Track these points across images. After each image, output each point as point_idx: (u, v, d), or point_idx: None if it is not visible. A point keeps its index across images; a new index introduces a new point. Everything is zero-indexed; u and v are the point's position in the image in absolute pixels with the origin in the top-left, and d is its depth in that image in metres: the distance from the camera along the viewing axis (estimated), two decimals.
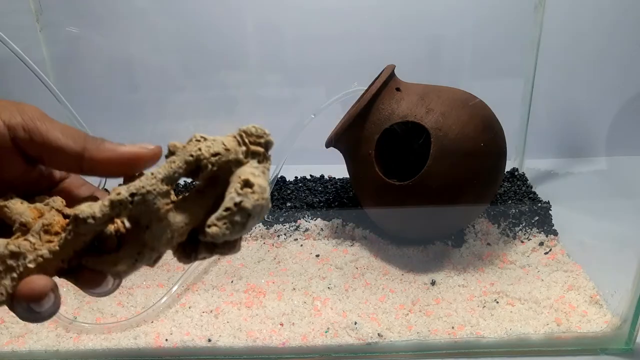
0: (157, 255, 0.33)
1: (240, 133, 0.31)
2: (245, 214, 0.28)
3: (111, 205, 0.29)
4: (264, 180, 0.29)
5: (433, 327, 0.56)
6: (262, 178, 0.29)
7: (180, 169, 0.30)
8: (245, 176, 0.29)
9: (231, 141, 0.31)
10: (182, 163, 0.30)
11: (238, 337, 0.56)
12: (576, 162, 0.95)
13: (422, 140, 0.73)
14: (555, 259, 0.67)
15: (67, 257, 0.30)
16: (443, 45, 0.91)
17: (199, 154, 0.30)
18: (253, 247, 0.73)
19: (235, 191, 0.28)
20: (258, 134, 0.31)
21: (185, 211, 0.31)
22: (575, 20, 0.87)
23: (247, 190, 0.28)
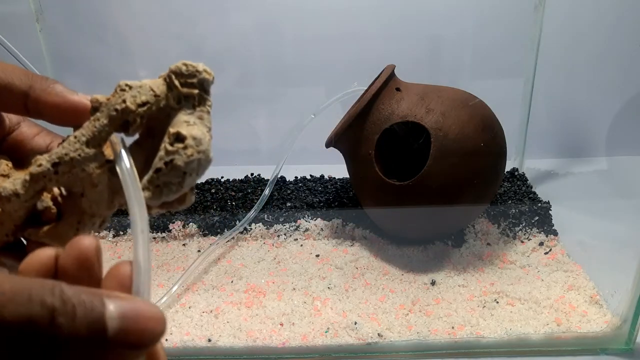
0: (100, 220, 0.29)
1: (169, 74, 0.27)
2: (179, 173, 0.25)
3: (33, 179, 0.27)
4: (199, 129, 0.26)
5: (433, 327, 0.56)
6: (197, 127, 0.26)
7: (106, 127, 0.27)
8: (177, 128, 0.26)
9: (161, 85, 0.27)
10: (106, 119, 0.27)
11: (238, 337, 0.56)
12: (576, 162, 0.95)
13: (422, 140, 0.73)
14: (555, 259, 0.67)
15: (10, 231, 0.28)
16: (443, 45, 0.91)
17: (123, 107, 0.26)
18: (253, 247, 0.73)
19: (164, 149, 0.25)
20: (189, 72, 0.27)
21: None
22: (575, 20, 0.87)
23: (178, 145, 0.25)
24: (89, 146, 0.26)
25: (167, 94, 0.27)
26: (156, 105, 0.27)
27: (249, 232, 0.75)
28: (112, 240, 0.75)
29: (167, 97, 0.27)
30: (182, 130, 0.25)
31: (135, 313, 0.21)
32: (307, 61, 0.92)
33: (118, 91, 0.27)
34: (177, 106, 0.27)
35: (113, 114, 0.26)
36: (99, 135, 0.27)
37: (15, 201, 0.27)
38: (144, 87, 0.27)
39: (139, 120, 0.27)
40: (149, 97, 0.27)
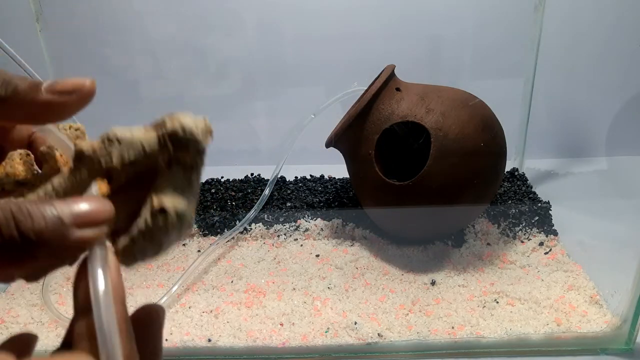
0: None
1: (164, 135, 0.25)
2: (156, 245, 0.25)
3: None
4: (183, 202, 0.25)
5: (433, 327, 0.56)
6: (182, 199, 0.25)
7: (86, 180, 0.25)
8: (161, 199, 0.24)
9: (152, 142, 0.25)
10: (88, 174, 0.25)
11: (238, 337, 0.56)
12: (576, 162, 0.95)
13: (422, 140, 0.73)
14: (555, 259, 0.67)
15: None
16: (443, 45, 0.91)
17: (110, 165, 0.25)
18: (253, 247, 0.73)
19: (145, 221, 0.24)
20: (187, 139, 0.25)
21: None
22: (575, 20, 0.87)
23: (160, 219, 0.24)
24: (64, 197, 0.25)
25: (157, 153, 0.25)
26: (145, 163, 0.25)
27: (249, 232, 0.75)
28: None
29: (158, 157, 0.25)
30: (167, 204, 0.24)
31: (81, 202, 0.23)
32: (307, 61, 0.92)
33: (106, 143, 0.25)
34: (166, 169, 0.25)
35: (97, 167, 0.25)
36: (78, 187, 0.25)
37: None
38: (135, 142, 0.25)
39: (123, 178, 0.25)
40: (138, 156, 0.25)
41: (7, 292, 0.65)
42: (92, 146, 0.25)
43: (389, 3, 0.87)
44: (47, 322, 0.60)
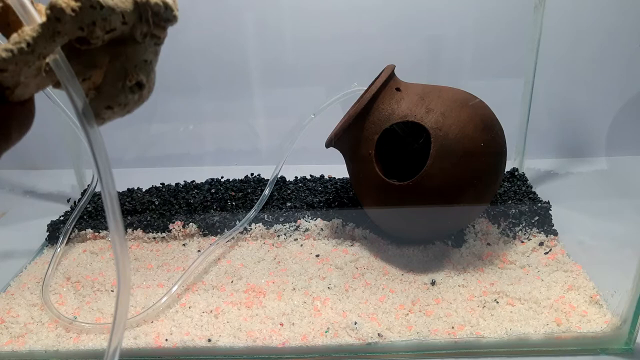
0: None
1: (146, 7, 0.26)
2: (126, 111, 0.28)
3: None
4: (154, 73, 0.27)
5: (433, 327, 0.56)
6: (153, 71, 0.27)
7: (62, 40, 0.25)
8: (138, 76, 0.26)
9: (131, 12, 0.26)
10: (67, 36, 0.25)
11: (238, 337, 0.56)
12: (576, 162, 0.95)
13: (422, 140, 0.73)
14: (555, 259, 0.67)
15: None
16: (443, 45, 0.91)
17: (92, 29, 0.25)
18: (253, 247, 0.73)
19: (123, 91, 0.26)
20: (166, 16, 0.26)
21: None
22: (575, 20, 0.87)
23: (137, 92, 0.27)
24: (34, 54, 0.25)
25: (135, 25, 0.26)
26: (120, 32, 0.26)
27: (249, 232, 0.75)
28: None
29: (135, 29, 0.26)
30: (143, 79, 0.26)
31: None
32: (307, 61, 0.92)
33: (86, 4, 0.25)
34: (139, 41, 0.26)
35: (79, 32, 0.25)
36: (51, 46, 0.25)
37: None
38: (116, 12, 0.25)
39: (100, 44, 0.26)
40: (118, 25, 0.25)
41: (7, 292, 0.65)
42: (69, 5, 0.25)
43: (389, 3, 0.87)
44: (47, 322, 0.60)
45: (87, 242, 0.76)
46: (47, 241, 0.76)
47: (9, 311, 0.62)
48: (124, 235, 0.27)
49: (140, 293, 0.64)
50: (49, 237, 0.76)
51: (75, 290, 0.65)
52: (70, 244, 0.75)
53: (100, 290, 0.65)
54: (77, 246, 0.75)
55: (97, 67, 0.28)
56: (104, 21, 0.25)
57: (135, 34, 0.26)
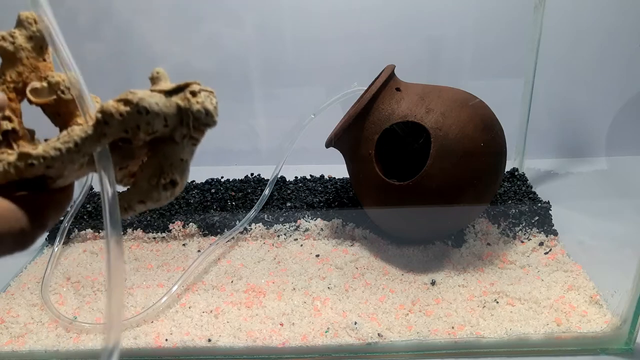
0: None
1: (188, 114, 0.27)
2: (157, 205, 0.29)
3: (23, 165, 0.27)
4: (187, 173, 0.29)
5: (433, 327, 0.56)
6: (188, 170, 0.29)
7: (107, 141, 0.27)
8: (173, 175, 0.28)
9: (174, 116, 0.27)
10: (112, 137, 0.27)
11: (238, 337, 0.56)
12: (576, 162, 0.95)
13: (422, 140, 0.73)
14: (555, 259, 0.67)
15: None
16: (443, 45, 0.91)
17: (135, 132, 0.27)
18: (253, 247, 0.73)
19: (156, 189, 0.28)
20: (206, 122, 0.27)
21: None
22: (575, 20, 0.87)
23: (169, 189, 0.28)
24: (81, 152, 0.27)
25: (176, 128, 0.27)
26: (161, 134, 0.27)
27: (249, 232, 0.75)
28: None
29: (175, 131, 0.27)
30: (178, 178, 0.28)
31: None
32: (307, 61, 0.92)
33: (133, 110, 0.26)
34: (180, 142, 0.28)
35: (122, 134, 0.27)
36: (96, 146, 0.27)
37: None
38: (160, 115, 0.27)
39: (140, 144, 0.28)
40: (160, 128, 0.27)
41: (7, 292, 0.65)
42: (118, 110, 0.26)
43: (389, 3, 0.87)
44: (47, 322, 0.60)
45: (87, 242, 0.76)
46: (47, 241, 0.76)
47: (9, 311, 0.62)
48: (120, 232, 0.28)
49: (140, 293, 0.64)
50: (49, 237, 0.76)
51: (75, 290, 0.65)
52: (70, 244, 0.75)
53: (100, 290, 0.65)
54: (77, 246, 0.75)
55: (135, 158, 0.30)
56: (148, 125, 0.26)
57: (175, 136, 0.27)
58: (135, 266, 0.70)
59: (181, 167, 0.28)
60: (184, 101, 0.27)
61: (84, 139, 0.27)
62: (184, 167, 0.28)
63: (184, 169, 0.29)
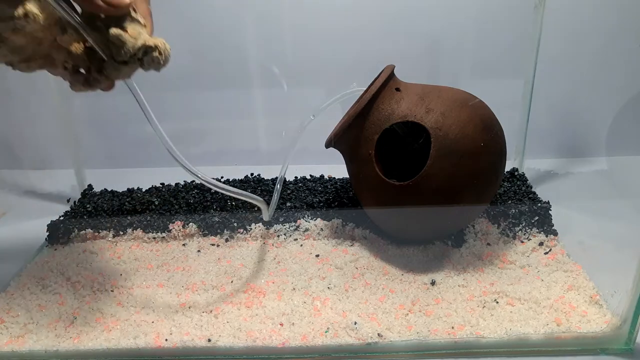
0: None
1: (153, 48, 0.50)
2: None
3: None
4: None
5: (433, 327, 0.56)
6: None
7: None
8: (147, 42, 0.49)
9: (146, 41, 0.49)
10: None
11: (238, 337, 0.56)
12: (576, 162, 0.95)
13: (422, 140, 0.73)
14: (555, 259, 0.67)
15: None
16: (443, 45, 0.91)
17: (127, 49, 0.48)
18: (253, 247, 0.73)
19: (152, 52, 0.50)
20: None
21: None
22: (575, 20, 0.87)
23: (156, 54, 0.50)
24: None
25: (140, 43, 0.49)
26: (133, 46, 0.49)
27: (248, 232, 0.75)
28: (112, 240, 0.75)
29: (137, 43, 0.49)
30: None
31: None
32: (307, 61, 0.92)
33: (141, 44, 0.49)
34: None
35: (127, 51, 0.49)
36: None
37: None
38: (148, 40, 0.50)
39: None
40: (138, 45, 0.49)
41: (7, 292, 0.65)
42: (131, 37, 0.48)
43: (389, 3, 0.87)
44: (47, 322, 0.60)
45: (87, 242, 0.76)
46: (47, 241, 0.76)
47: (9, 311, 0.62)
48: None
49: (140, 293, 0.64)
50: (49, 237, 0.76)
51: (75, 290, 0.65)
52: (70, 244, 0.75)
53: (100, 290, 0.65)
54: (77, 246, 0.75)
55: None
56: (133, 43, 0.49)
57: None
58: (135, 266, 0.70)
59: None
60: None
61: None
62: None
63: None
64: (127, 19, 0.48)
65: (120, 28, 0.47)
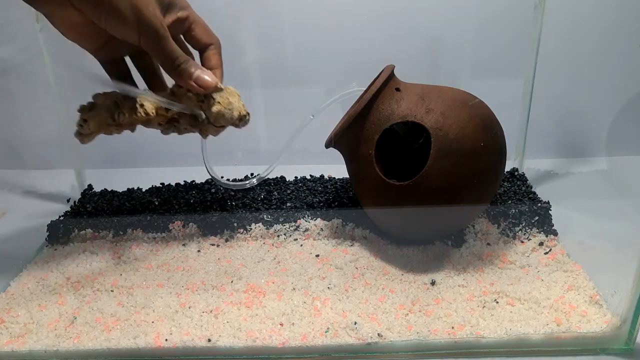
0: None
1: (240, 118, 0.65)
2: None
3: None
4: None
5: (433, 327, 0.56)
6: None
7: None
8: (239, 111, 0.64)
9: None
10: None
11: (238, 337, 0.56)
12: (576, 162, 0.95)
13: (422, 140, 0.73)
14: (555, 259, 0.67)
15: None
16: (443, 45, 0.91)
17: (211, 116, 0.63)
18: (253, 247, 0.73)
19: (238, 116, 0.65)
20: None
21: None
22: (575, 20, 0.88)
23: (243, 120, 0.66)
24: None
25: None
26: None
27: (248, 232, 0.75)
28: (112, 240, 0.75)
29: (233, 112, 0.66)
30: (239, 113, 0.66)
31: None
32: (307, 61, 0.92)
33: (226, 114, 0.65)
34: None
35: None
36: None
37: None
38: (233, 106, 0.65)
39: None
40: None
41: (7, 292, 0.65)
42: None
43: (389, 3, 0.87)
44: (47, 322, 0.60)
45: (87, 242, 0.76)
46: (47, 241, 0.76)
47: (9, 311, 0.62)
48: None
49: (140, 293, 0.64)
50: (49, 237, 0.76)
51: (75, 290, 0.65)
52: (70, 244, 0.75)
53: (100, 290, 0.65)
54: (77, 246, 0.75)
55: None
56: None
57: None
58: (135, 266, 0.70)
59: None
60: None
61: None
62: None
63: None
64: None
65: (212, 98, 0.62)
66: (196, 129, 0.65)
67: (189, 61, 0.59)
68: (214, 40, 0.65)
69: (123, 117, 0.60)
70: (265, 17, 0.89)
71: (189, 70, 0.59)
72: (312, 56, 0.91)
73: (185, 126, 0.65)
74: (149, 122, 0.64)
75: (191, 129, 0.65)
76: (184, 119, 0.64)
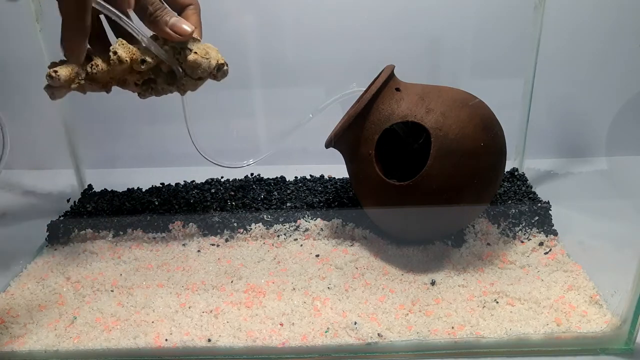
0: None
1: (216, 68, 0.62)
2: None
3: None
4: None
5: (433, 327, 0.56)
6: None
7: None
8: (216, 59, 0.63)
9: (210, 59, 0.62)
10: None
11: (238, 337, 0.56)
12: (576, 162, 0.95)
13: (422, 140, 0.73)
14: (555, 259, 0.67)
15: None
16: (443, 45, 0.91)
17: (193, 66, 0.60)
18: (253, 247, 0.73)
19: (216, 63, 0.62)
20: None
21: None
22: (575, 20, 0.87)
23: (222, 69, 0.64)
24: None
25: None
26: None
27: (248, 232, 0.75)
28: (112, 240, 0.75)
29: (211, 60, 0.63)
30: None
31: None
32: (307, 61, 0.92)
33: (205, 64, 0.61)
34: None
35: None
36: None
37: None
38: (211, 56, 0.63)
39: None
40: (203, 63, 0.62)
41: (7, 292, 0.65)
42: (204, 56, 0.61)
43: (389, 3, 0.87)
44: (47, 322, 0.60)
45: (87, 242, 0.76)
46: (47, 241, 0.76)
47: (9, 311, 0.62)
48: None
49: (140, 293, 0.64)
50: (49, 237, 0.76)
51: (75, 290, 0.65)
52: (70, 244, 0.75)
53: (100, 290, 0.65)
54: (77, 246, 0.75)
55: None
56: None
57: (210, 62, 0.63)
58: (135, 266, 0.70)
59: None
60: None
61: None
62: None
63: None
64: (189, 39, 0.60)
65: (188, 49, 0.59)
66: (174, 87, 0.63)
67: (164, 9, 0.58)
68: (193, 1, 0.62)
69: (95, 67, 0.57)
70: (265, 17, 0.89)
71: (165, 18, 0.58)
72: (312, 56, 0.91)
73: (163, 85, 0.62)
74: (125, 83, 0.61)
75: (169, 87, 0.63)
76: (161, 77, 0.62)
